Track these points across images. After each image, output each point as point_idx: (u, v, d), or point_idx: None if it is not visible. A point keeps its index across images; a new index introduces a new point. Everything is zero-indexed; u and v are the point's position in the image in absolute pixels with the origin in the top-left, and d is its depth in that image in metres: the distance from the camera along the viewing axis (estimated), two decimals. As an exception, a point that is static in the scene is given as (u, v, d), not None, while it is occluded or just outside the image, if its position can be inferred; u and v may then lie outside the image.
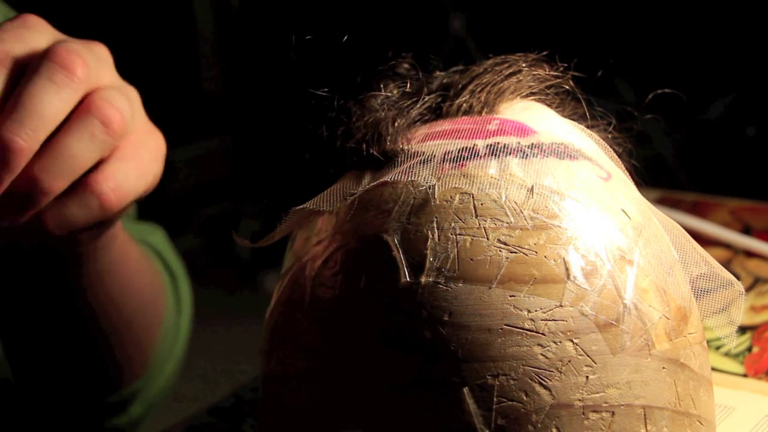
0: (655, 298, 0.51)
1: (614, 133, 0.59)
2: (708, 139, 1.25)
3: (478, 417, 0.49)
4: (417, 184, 0.52)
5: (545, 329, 0.49)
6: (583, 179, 0.53)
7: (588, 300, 0.50)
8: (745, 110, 1.24)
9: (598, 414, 0.49)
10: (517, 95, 0.57)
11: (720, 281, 0.55)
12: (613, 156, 0.57)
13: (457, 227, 0.51)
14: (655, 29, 1.22)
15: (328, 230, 0.54)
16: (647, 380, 0.50)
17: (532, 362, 0.49)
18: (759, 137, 1.24)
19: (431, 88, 0.58)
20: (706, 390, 0.53)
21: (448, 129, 0.55)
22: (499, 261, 0.50)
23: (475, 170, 0.52)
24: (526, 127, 0.54)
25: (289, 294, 0.54)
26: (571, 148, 0.54)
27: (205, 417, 0.73)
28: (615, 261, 0.51)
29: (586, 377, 0.49)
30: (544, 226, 0.51)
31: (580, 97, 0.58)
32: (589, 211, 0.52)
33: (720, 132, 1.24)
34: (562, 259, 0.50)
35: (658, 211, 0.55)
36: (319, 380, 0.52)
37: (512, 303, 0.49)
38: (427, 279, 0.50)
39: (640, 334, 0.50)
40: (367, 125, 0.56)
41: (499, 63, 0.57)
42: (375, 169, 0.55)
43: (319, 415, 0.52)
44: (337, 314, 0.51)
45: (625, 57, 0.62)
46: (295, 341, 0.53)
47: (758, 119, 1.23)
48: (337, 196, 0.55)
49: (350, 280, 0.51)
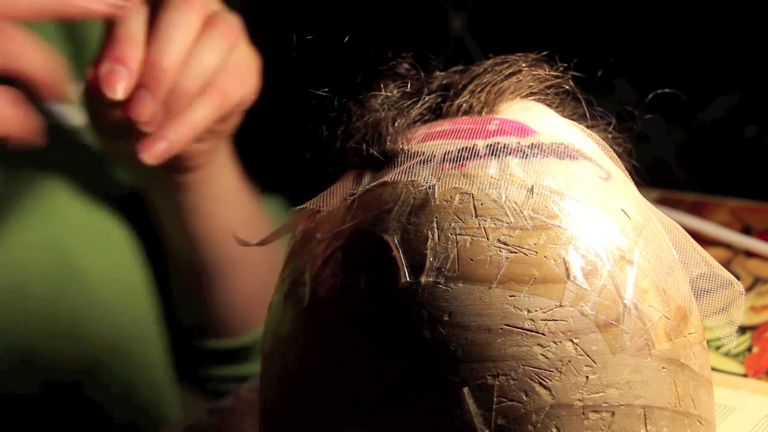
0: (655, 298, 0.51)
1: (614, 133, 0.59)
2: (708, 139, 1.25)
3: (478, 417, 0.49)
4: (417, 184, 0.52)
5: (545, 329, 0.49)
6: (583, 179, 0.53)
7: (588, 300, 0.50)
8: (745, 110, 1.24)
9: (598, 414, 0.49)
10: (517, 95, 0.57)
11: (720, 281, 0.55)
12: (613, 156, 0.57)
13: (457, 227, 0.51)
14: (655, 29, 1.22)
15: (328, 230, 0.54)
16: (647, 380, 0.50)
17: (532, 362, 0.49)
18: (759, 137, 1.24)
19: (431, 88, 0.58)
20: (706, 390, 0.53)
21: (448, 129, 0.55)
22: (499, 261, 0.50)
23: (475, 170, 0.52)
24: (526, 127, 0.54)
25: (289, 294, 0.54)
26: (571, 148, 0.54)
27: (205, 417, 0.73)
28: (615, 261, 0.51)
29: (586, 377, 0.49)
30: (544, 226, 0.51)
31: (580, 97, 0.58)
32: (589, 211, 0.52)
33: (720, 132, 1.24)
34: (562, 259, 0.50)
35: (658, 211, 0.55)
36: (319, 380, 0.52)
37: (512, 303, 0.49)
38: (427, 279, 0.50)
39: (640, 334, 0.50)
40: (367, 125, 0.56)
41: (499, 63, 0.57)
42: (375, 169, 0.55)
43: (319, 415, 0.52)
44: (336, 314, 0.51)
45: (626, 57, 0.62)
46: (295, 341, 0.53)
47: (759, 119, 1.23)
48: (337, 196, 0.55)
49: (350, 280, 0.51)
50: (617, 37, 1.19)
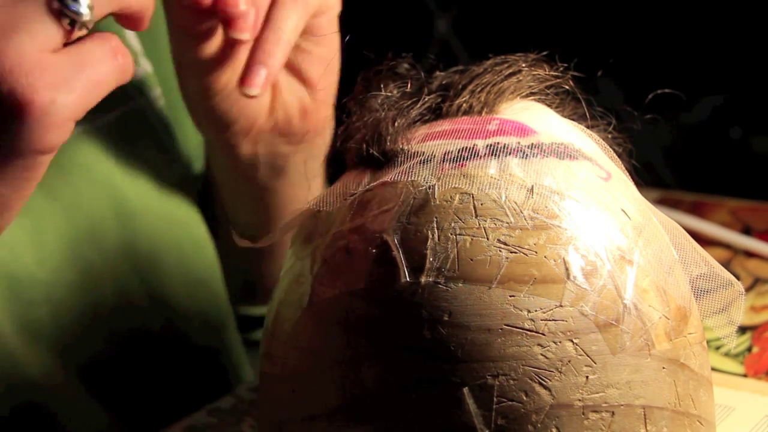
0: (655, 298, 0.51)
1: (614, 133, 0.59)
2: (695, 140, 1.25)
3: (478, 417, 0.49)
4: (417, 184, 0.52)
5: (545, 329, 0.49)
6: (583, 179, 0.53)
7: (588, 300, 0.50)
8: (730, 112, 1.24)
9: (598, 414, 0.49)
10: (517, 95, 0.57)
11: (720, 281, 0.55)
12: (613, 156, 0.57)
13: (457, 227, 0.51)
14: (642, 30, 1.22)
15: (328, 230, 0.54)
16: (647, 380, 0.50)
17: (532, 362, 0.49)
18: (744, 138, 1.24)
19: (431, 88, 0.58)
20: (706, 390, 0.53)
21: (448, 129, 0.55)
22: (499, 261, 0.50)
23: (475, 170, 0.52)
24: (526, 127, 0.54)
25: (289, 294, 0.54)
26: (571, 148, 0.54)
27: (205, 417, 0.73)
28: (615, 261, 0.51)
29: (586, 377, 0.49)
30: (544, 226, 0.51)
31: (580, 97, 0.58)
32: (589, 211, 0.52)
33: (707, 133, 1.24)
34: (562, 259, 0.50)
35: (658, 211, 0.55)
36: (319, 380, 0.52)
37: (512, 303, 0.49)
38: (427, 279, 0.50)
39: (640, 334, 0.50)
40: (367, 125, 0.56)
41: (498, 63, 0.57)
42: (375, 169, 0.55)
43: (319, 415, 0.52)
44: (336, 314, 0.51)
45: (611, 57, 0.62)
46: (295, 341, 0.53)
47: (744, 120, 1.23)
48: (337, 196, 0.55)
49: (350, 280, 0.51)
50: (602, 38, 1.19)
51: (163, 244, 0.80)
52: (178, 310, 0.80)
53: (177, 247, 0.80)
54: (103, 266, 0.76)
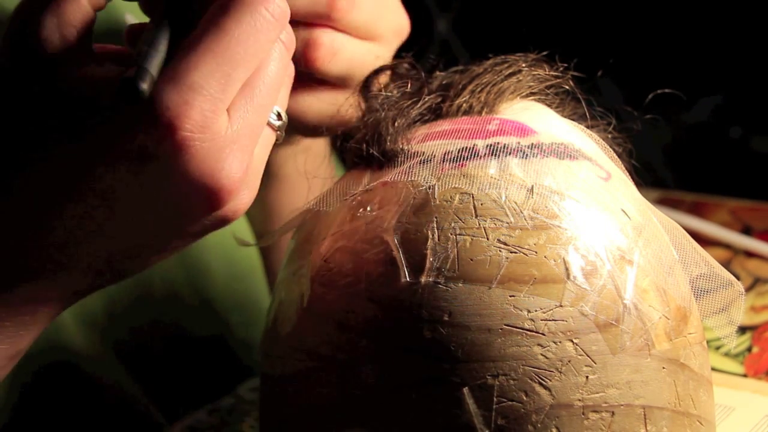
0: (655, 298, 0.51)
1: (614, 133, 0.59)
2: (695, 140, 1.25)
3: (478, 417, 0.49)
4: (417, 184, 0.52)
5: (545, 329, 0.49)
6: (583, 179, 0.53)
7: (588, 300, 0.50)
8: (731, 111, 1.23)
9: (598, 414, 0.49)
10: (517, 95, 0.57)
11: (720, 281, 0.55)
12: (613, 156, 0.57)
13: (457, 227, 0.51)
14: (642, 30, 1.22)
15: (328, 230, 0.54)
16: (647, 380, 0.50)
17: (532, 362, 0.49)
18: (744, 138, 1.24)
19: (431, 88, 0.58)
20: (706, 390, 0.53)
21: (448, 129, 0.55)
22: (499, 261, 0.50)
23: (475, 170, 0.52)
24: (526, 127, 0.54)
25: (289, 294, 0.54)
26: (571, 148, 0.54)
27: (205, 417, 0.73)
28: (615, 261, 0.51)
29: (586, 377, 0.49)
30: (544, 226, 0.51)
31: (580, 97, 0.58)
32: (589, 211, 0.52)
33: (707, 133, 1.24)
34: (562, 259, 0.50)
35: (658, 211, 0.55)
36: (319, 380, 0.52)
37: (512, 303, 0.49)
38: (427, 279, 0.50)
39: (640, 334, 0.50)
40: (367, 125, 0.56)
41: (499, 63, 0.57)
42: (375, 169, 0.55)
43: (319, 415, 0.52)
44: (336, 314, 0.51)
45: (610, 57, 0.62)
46: (295, 341, 0.53)
47: (744, 120, 1.23)
48: (337, 196, 0.55)
49: (350, 280, 0.51)
50: (602, 38, 1.19)
51: (209, 238, 0.81)
52: (218, 303, 0.81)
53: (221, 241, 0.82)
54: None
